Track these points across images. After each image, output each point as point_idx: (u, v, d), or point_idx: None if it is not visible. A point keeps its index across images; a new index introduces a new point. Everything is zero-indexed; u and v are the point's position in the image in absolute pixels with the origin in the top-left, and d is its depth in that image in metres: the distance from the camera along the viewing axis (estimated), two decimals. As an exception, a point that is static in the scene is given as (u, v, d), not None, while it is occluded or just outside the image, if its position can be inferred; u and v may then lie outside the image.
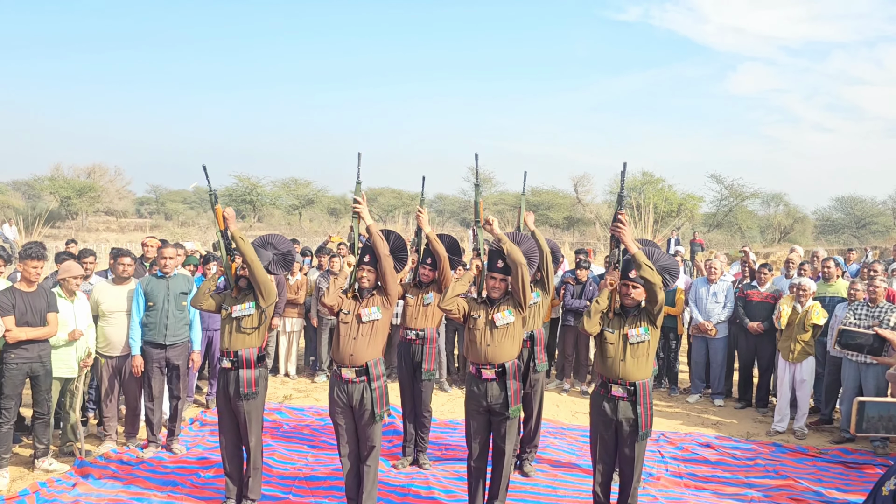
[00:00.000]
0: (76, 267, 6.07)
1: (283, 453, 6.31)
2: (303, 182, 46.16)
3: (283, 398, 8.20)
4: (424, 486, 5.62)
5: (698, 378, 8.66)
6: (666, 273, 4.76)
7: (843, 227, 41.06)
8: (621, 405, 4.52)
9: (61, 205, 40.19)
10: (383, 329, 4.85)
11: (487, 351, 4.72)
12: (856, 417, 2.64)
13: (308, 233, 33.02)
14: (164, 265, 6.19)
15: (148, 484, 5.55)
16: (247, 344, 4.93)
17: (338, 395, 4.76)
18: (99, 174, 45.59)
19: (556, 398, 8.53)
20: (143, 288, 6.18)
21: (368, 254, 4.84)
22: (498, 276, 4.79)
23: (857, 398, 2.72)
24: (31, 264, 5.55)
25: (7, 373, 5.49)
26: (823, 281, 8.02)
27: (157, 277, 6.24)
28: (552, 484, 5.83)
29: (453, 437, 6.80)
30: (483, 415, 4.82)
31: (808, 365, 7.26)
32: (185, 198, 54.99)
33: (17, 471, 5.74)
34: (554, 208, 43.28)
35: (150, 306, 6.16)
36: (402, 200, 46.45)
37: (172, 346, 6.22)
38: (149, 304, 6.16)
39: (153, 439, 6.31)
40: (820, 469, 6.33)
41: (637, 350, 4.52)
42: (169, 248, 6.30)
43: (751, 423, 7.74)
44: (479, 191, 5.36)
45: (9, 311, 5.43)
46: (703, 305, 8.41)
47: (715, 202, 39.10)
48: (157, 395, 6.29)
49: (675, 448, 6.78)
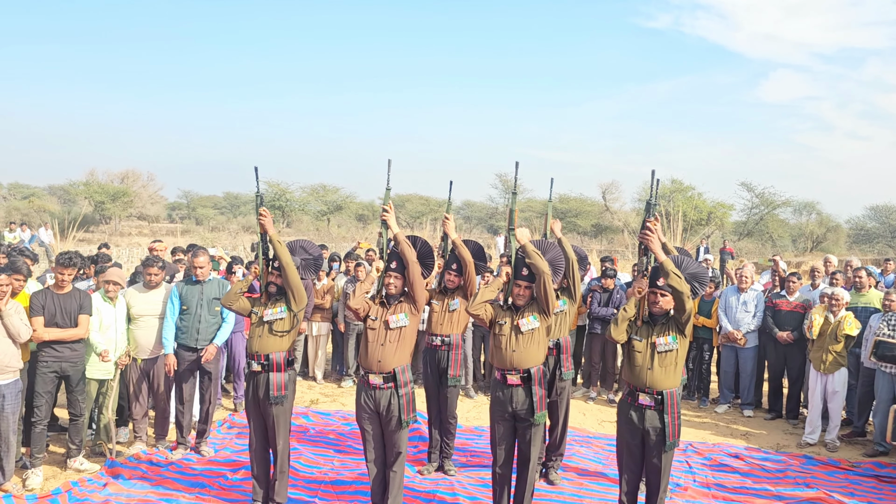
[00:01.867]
0: (116, 273, 6.24)
1: (309, 457, 6.36)
2: (331, 188, 46.44)
3: (309, 402, 8.26)
4: (450, 493, 5.63)
5: (727, 388, 8.55)
6: (695, 281, 4.72)
7: (878, 237, 40.25)
8: (648, 414, 4.49)
9: (95, 209, 40.86)
10: (411, 335, 4.87)
11: (513, 356, 4.73)
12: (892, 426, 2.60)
13: (336, 238, 33.26)
14: (198, 273, 6.30)
15: (176, 485, 5.63)
16: (278, 347, 4.98)
17: (365, 400, 4.79)
18: (132, 179, 46.31)
19: (583, 406, 8.48)
20: (179, 292, 6.30)
21: (395, 260, 4.87)
22: (523, 284, 4.81)
23: (894, 406, 2.69)
24: (61, 270, 5.72)
25: (38, 372, 5.64)
26: (855, 291, 7.88)
27: (192, 283, 6.35)
28: (577, 492, 5.80)
29: (479, 444, 6.80)
30: (508, 421, 4.82)
31: (840, 376, 7.13)
32: (215, 203, 55.68)
33: (51, 470, 5.86)
34: (582, 216, 43.02)
35: (183, 310, 6.27)
36: (429, 207, 46.52)
37: (204, 349, 6.31)
38: (183, 308, 6.28)
39: (182, 441, 6.40)
40: (852, 483, 6.21)
41: (665, 359, 4.49)
42: (202, 256, 6.39)
43: (781, 435, 7.62)
44: (514, 199, 5.36)
45: (38, 311, 5.59)
46: (732, 314, 8.32)
47: (745, 210, 38.58)
48: (188, 398, 6.39)
49: (703, 458, 6.70)
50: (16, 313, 5.32)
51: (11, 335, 5.27)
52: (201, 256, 6.36)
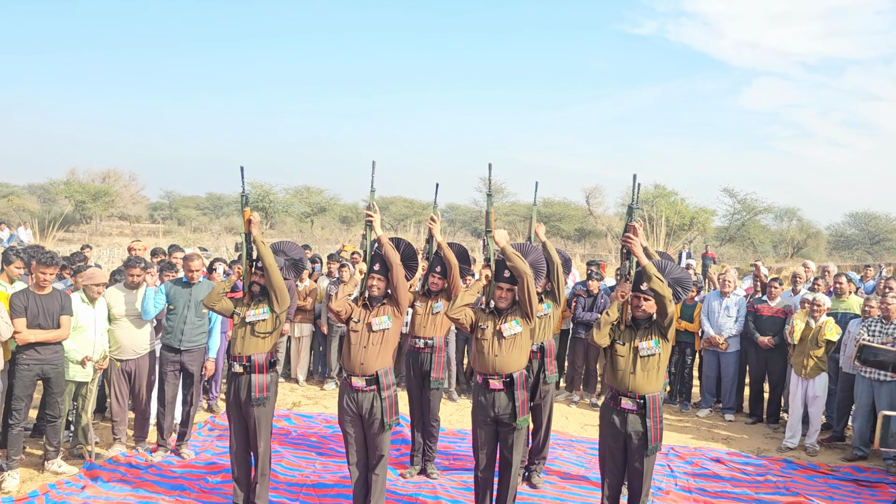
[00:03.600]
0: (100, 274, 6.19)
1: (291, 460, 6.32)
2: (315, 190, 46.31)
3: (291, 405, 8.21)
4: (432, 496, 5.61)
5: (709, 392, 8.60)
6: (678, 286, 4.75)
7: (857, 243, 40.65)
8: (631, 418, 4.50)
9: (76, 209, 40.45)
10: (394, 338, 4.85)
11: (495, 361, 4.71)
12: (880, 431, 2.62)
13: (320, 240, 33.09)
14: (192, 277, 6.32)
15: (156, 488, 5.57)
16: (260, 349, 4.94)
17: (347, 403, 4.77)
18: (113, 179, 45.96)
19: (566, 410, 8.50)
20: (167, 291, 6.31)
21: (378, 262, 4.85)
22: (504, 286, 4.78)
23: (882, 412, 2.70)
24: (42, 269, 5.60)
25: (18, 374, 5.53)
26: (836, 297, 7.96)
27: (182, 284, 6.35)
28: (560, 496, 5.81)
29: (461, 447, 6.78)
30: (490, 425, 4.81)
31: (821, 381, 7.19)
32: (197, 203, 55.29)
33: (27, 472, 5.77)
34: (565, 220, 43.19)
35: (170, 310, 6.28)
36: (413, 209, 46.49)
37: (188, 351, 6.28)
38: (169, 308, 6.28)
39: (163, 443, 6.34)
40: (831, 486, 6.27)
41: (647, 363, 4.50)
42: (196, 259, 6.43)
43: (761, 439, 7.68)
44: (490, 200, 5.36)
45: (21, 313, 5.48)
46: (714, 319, 8.37)
47: (727, 216, 38.90)
48: (170, 399, 6.34)
49: (684, 462, 6.73)
50: None
51: (-9, 334, 5.18)
52: (196, 260, 6.40)
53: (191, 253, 6.85)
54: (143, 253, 8.25)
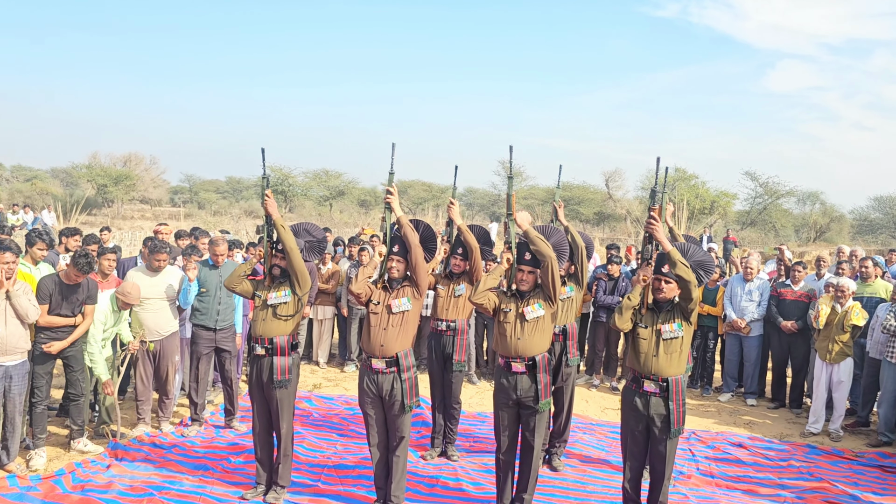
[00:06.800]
0: (135, 293, 6.06)
1: (312, 441, 6.36)
2: (334, 173, 46.39)
3: (312, 387, 8.26)
4: (453, 478, 5.62)
5: (731, 376, 8.54)
6: (700, 269, 4.69)
7: (881, 227, 40.10)
8: (653, 401, 4.47)
9: (98, 192, 40.84)
10: (414, 320, 4.84)
11: (518, 344, 4.69)
12: None
13: (338, 224, 33.18)
14: (217, 261, 6.67)
15: (180, 468, 5.63)
16: (281, 331, 4.96)
17: (367, 385, 4.77)
18: (135, 163, 46.32)
19: (586, 394, 8.48)
20: (199, 275, 6.53)
21: (398, 244, 4.83)
22: (526, 269, 4.75)
23: None
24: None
25: (38, 352, 5.61)
26: (861, 281, 7.85)
27: (210, 266, 6.61)
28: (581, 479, 5.80)
29: (482, 430, 6.79)
30: (512, 408, 4.80)
31: (846, 366, 7.10)
32: (217, 187, 55.62)
33: (54, 451, 5.86)
34: (585, 203, 42.94)
35: (202, 292, 6.52)
36: (432, 193, 46.47)
37: (222, 329, 6.56)
38: (202, 291, 6.51)
39: (196, 418, 6.57)
40: (856, 472, 6.21)
41: (670, 346, 4.46)
42: (221, 244, 6.70)
43: (784, 424, 7.61)
44: (511, 183, 5.32)
45: (45, 299, 5.56)
46: (737, 303, 8.29)
47: (749, 200, 38.48)
48: (203, 375, 6.58)
49: (706, 447, 6.69)
50: (24, 294, 5.28)
51: (20, 316, 5.23)
52: (221, 245, 6.69)
53: (216, 237, 6.94)
54: (167, 236, 8.29)
